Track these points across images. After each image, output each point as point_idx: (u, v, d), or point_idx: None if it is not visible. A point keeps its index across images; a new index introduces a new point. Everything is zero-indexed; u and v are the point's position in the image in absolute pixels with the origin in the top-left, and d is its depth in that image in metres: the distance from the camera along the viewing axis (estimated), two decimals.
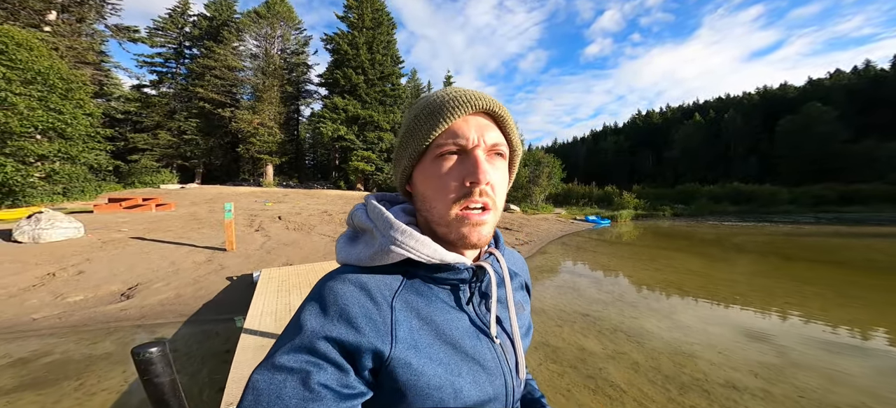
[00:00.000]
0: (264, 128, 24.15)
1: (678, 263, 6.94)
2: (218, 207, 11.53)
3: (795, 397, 2.40)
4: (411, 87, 40.64)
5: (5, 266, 4.91)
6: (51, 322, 3.59)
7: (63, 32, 15.34)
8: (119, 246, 6.30)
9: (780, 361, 2.92)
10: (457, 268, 0.41)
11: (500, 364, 0.42)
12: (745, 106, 45.22)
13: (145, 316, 3.85)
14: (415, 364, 0.35)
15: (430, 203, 0.40)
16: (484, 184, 0.38)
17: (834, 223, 14.46)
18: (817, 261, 7.16)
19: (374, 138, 24.44)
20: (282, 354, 0.33)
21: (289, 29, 26.94)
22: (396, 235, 0.39)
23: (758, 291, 5.02)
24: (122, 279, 4.73)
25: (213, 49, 23.10)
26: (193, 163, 25.05)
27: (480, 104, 0.39)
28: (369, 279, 0.39)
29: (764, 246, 9.17)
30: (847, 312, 4.15)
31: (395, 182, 0.48)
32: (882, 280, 5.60)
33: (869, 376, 2.66)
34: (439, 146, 0.39)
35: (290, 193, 18.59)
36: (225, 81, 24.11)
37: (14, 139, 9.01)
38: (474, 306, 0.44)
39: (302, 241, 7.68)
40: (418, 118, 0.40)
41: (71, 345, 3.19)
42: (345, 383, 0.33)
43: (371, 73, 24.42)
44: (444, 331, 0.39)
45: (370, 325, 0.35)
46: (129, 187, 18.90)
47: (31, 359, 2.91)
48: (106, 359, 2.96)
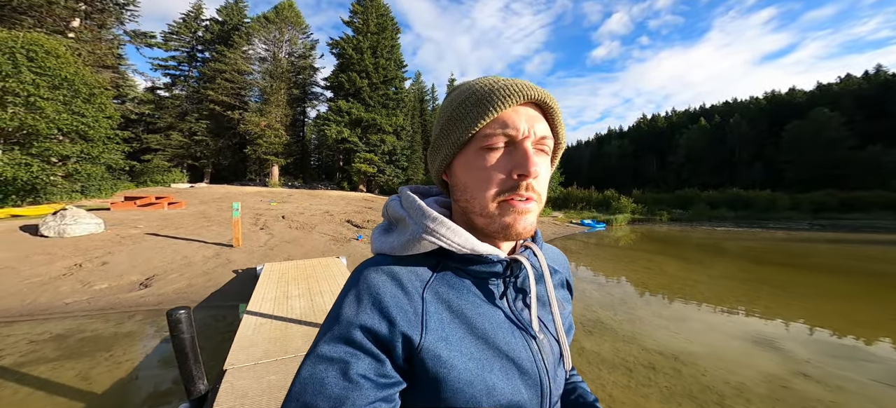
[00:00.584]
0: (271, 130, 24.93)
1: (656, 264, 7.27)
2: (226, 206, 12.15)
3: (698, 375, 2.76)
4: (415, 91, 41.33)
5: (36, 258, 5.49)
6: (81, 306, 4.12)
7: (85, 38, 16.24)
8: (136, 241, 6.87)
9: (701, 349, 3.27)
10: (490, 260, 0.40)
11: (535, 363, 0.40)
12: (752, 111, 44.84)
13: (162, 302, 4.37)
14: (444, 357, 0.35)
15: (472, 193, 0.39)
16: (533, 177, 0.37)
17: (827, 230, 14.52)
18: (786, 265, 7.42)
19: (376, 141, 25.04)
20: (323, 344, 0.34)
21: (296, 33, 27.78)
22: (428, 224, 0.38)
23: (715, 290, 5.36)
24: (140, 270, 5.26)
25: (224, 53, 24.01)
26: (203, 163, 25.95)
27: (532, 94, 0.37)
28: (401, 269, 0.39)
29: (744, 250, 9.42)
30: (788, 309, 4.48)
31: (431, 173, 0.47)
32: (834, 281, 5.89)
33: (775, 363, 3.01)
34: (487, 137, 0.38)
35: (294, 193, 19.21)
36: (234, 84, 24.98)
37: (40, 140, 9.72)
38: (509, 301, 0.43)
39: (303, 239, 8.19)
40: (464, 106, 0.39)
41: (99, 325, 3.70)
42: (381, 373, 0.34)
43: (375, 77, 25.06)
44: (476, 325, 0.39)
45: (401, 314, 0.36)
46: (141, 186, 19.74)
47: (67, 335, 3.42)
48: (129, 336, 3.46)
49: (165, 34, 25.21)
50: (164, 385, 2.64)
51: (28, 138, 9.66)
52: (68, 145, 10.50)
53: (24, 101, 9.34)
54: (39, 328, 3.57)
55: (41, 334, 3.46)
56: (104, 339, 3.38)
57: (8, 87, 9.01)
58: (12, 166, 8.90)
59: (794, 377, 2.77)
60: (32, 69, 9.61)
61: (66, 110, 10.30)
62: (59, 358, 2.99)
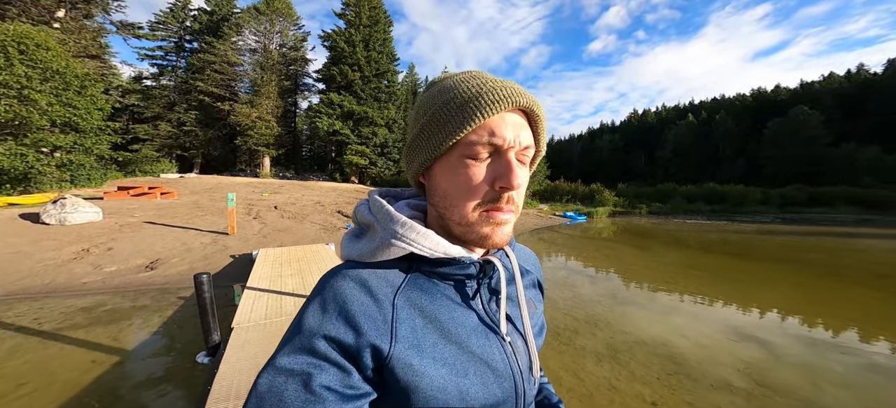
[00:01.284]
0: (262, 121, 25.00)
1: (615, 252, 8.12)
2: (218, 196, 12.57)
3: (607, 337, 3.52)
4: (408, 83, 41.34)
5: (45, 243, 5.98)
6: (97, 285, 4.69)
7: (71, 28, 16.12)
8: (135, 229, 7.37)
9: (616, 318, 4.03)
10: (462, 262, 0.39)
11: (509, 365, 0.40)
12: (738, 108, 46.15)
13: (168, 283, 4.96)
14: (416, 365, 0.34)
15: (452, 201, 0.38)
16: (516, 189, 0.36)
17: (786, 223, 15.69)
18: (729, 254, 8.37)
19: (368, 133, 25.35)
20: (283, 355, 0.33)
21: (287, 24, 27.57)
22: (396, 228, 0.37)
23: (655, 274, 6.21)
24: (144, 255, 5.81)
25: (214, 44, 23.83)
26: (192, 153, 25.94)
27: (521, 101, 0.36)
28: (370, 275, 0.38)
29: (700, 241, 10.37)
30: (701, 288, 5.32)
31: (406, 173, 0.44)
32: (758, 268, 6.80)
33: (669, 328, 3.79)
34: (471, 144, 0.36)
35: (286, 184, 19.56)
36: (224, 76, 24.86)
37: (33, 131, 9.99)
38: (483, 303, 0.42)
39: (294, 228, 8.77)
40: (447, 107, 0.36)
41: (117, 300, 4.29)
42: (348, 384, 0.32)
43: (367, 70, 25.20)
44: (450, 329, 0.38)
45: (369, 322, 0.34)
46: (129, 176, 19.83)
47: (91, 308, 4.01)
48: (145, 309, 4.07)
49: (152, 23, 24.83)
50: (181, 344, 3.28)
51: (21, 129, 9.91)
52: (61, 136, 10.76)
53: (17, 93, 9.57)
54: (65, 303, 4.14)
55: (69, 307, 4.04)
56: (124, 310, 3.98)
57: (1, 80, 9.23)
58: (9, 156, 9.20)
59: (674, 337, 3.56)
60: (24, 62, 9.80)
61: (58, 102, 10.53)
62: (90, 325, 3.59)
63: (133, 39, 21.72)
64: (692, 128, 46.65)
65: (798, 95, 42.51)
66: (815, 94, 40.38)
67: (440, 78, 0.42)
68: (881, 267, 6.91)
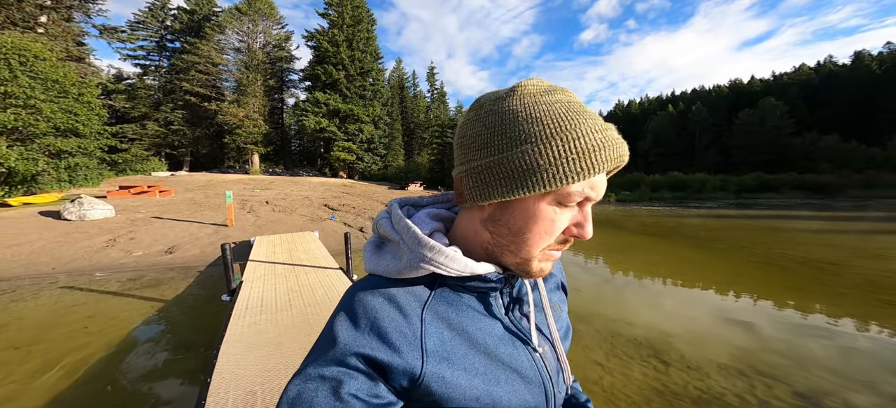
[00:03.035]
0: (250, 120, 25.91)
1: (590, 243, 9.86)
2: (212, 193, 13.84)
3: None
4: (396, 77, 42.14)
5: (75, 235, 7.32)
6: (132, 265, 6.11)
7: (54, 33, 16.83)
8: (146, 223, 8.70)
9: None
10: (488, 277, 0.40)
11: (539, 371, 0.41)
12: (714, 98, 48.45)
13: (187, 263, 6.40)
14: (449, 377, 0.35)
15: (526, 240, 0.37)
16: (587, 239, 0.37)
17: (731, 208, 17.79)
18: (650, 234, 10.23)
19: (354, 130, 26.52)
20: (314, 365, 0.34)
21: (270, 24, 28.21)
22: (425, 253, 0.37)
23: (576, 252, 7.91)
24: (162, 243, 7.21)
25: (197, 45, 24.48)
26: (181, 152, 26.73)
27: (625, 160, 0.36)
28: (398, 291, 0.39)
29: (638, 224, 12.26)
30: (608, 259, 7.02)
31: (462, 184, 0.40)
32: (667, 245, 8.57)
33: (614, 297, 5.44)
34: (570, 193, 0.34)
35: (276, 180, 20.74)
36: (209, 76, 25.58)
37: (40, 137, 11.11)
38: (508, 312, 0.43)
39: (285, 220, 10.21)
40: (566, 147, 0.33)
41: (152, 274, 5.75)
42: (374, 393, 0.33)
43: (351, 69, 26.21)
44: (478, 340, 0.39)
45: (401, 338, 0.35)
46: (121, 174, 20.72)
47: (136, 278, 5.47)
48: (175, 278, 5.54)
49: (131, 23, 25.24)
50: (209, 292, 4.79)
51: (28, 135, 11.01)
52: (67, 141, 11.88)
53: (23, 102, 10.64)
54: (116, 276, 5.58)
55: (120, 277, 5.49)
56: (161, 279, 5.45)
57: (8, 91, 10.29)
58: (22, 161, 10.34)
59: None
60: (26, 73, 10.84)
61: (60, 109, 11.60)
62: (141, 288, 5.07)
63: (117, 43, 22.28)
64: (671, 118, 48.87)
65: (770, 86, 45.06)
66: (783, 86, 42.94)
67: (537, 90, 0.36)
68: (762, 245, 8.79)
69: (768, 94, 39.67)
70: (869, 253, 7.13)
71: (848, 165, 27.71)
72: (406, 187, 21.03)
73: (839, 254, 7.07)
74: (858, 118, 36.00)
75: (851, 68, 40.56)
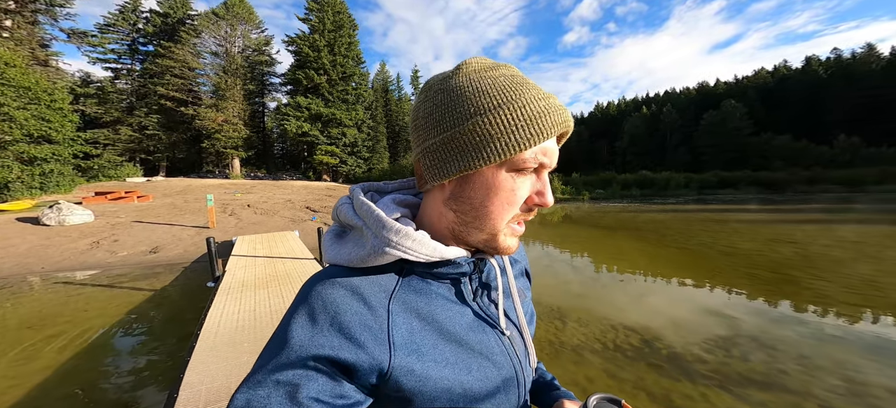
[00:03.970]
0: (229, 124, 25.88)
1: (531, 231, 10.86)
2: (191, 198, 14.10)
3: None
4: (380, 80, 42.63)
5: (58, 239, 7.68)
6: (119, 263, 6.60)
7: (19, 38, 16.61)
8: (127, 227, 9.08)
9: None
10: (458, 262, 0.39)
11: (509, 356, 0.42)
12: (683, 100, 51.59)
13: (172, 260, 6.93)
14: (418, 370, 0.34)
15: (488, 213, 0.37)
16: (549, 206, 0.37)
17: (689, 203, 19.53)
18: (598, 226, 11.51)
19: (337, 134, 26.95)
20: (266, 370, 0.31)
21: (249, 28, 28.28)
22: (390, 236, 0.36)
23: (542, 239, 8.94)
24: (145, 244, 7.68)
25: (171, 49, 24.31)
26: (157, 157, 26.34)
27: (571, 125, 0.37)
28: (362, 282, 0.37)
29: (592, 219, 13.52)
30: (553, 244, 8.05)
31: (418, 166, 0.41)
32: (607, 235, 9.74)
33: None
34: (525, 160, 0.35)
35: (257, 184, 20.94)
36: (185, 80, 25.42)
37: (14, 144, 11.19)
38: (477, 298, 0.43)
39: (266, 221, 10.74)
40: (513, 117, 0.34)
41: (141, 270, 6.29)
42: (339, 394, 0.31)
43: (333, 73, 26.66)
44: (448, 329, 0.38)
45: (366, 332, 0.33)
46: (92, 180, 20.37)
47: (127, 273, 6.01)
48: (163, 273, 6.11)
49: (100, 26, 24.80)
50: (195, 282, 5.41)
51: (2, 144, 11.07)
52: (40, 148, 11.96)
53: None
54: (105, 273, 6.08)
55: (110, 274, 6.00)
56: (149, 274, 6.01)
57: None
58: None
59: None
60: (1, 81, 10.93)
61: (32, 116, 11.70)
62: (132, 280, 5.64)
63: (87, 47, 21.90)
64: (645, 119, 51.68)
65: (732, 89, 48.56)
66: (743, 89, 46.41)
67: (480, 66, 0.38)
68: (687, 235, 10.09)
69: (730, 97, 42.84)
70: (779, 238, 8.50)
71: (798, 162, 30.49)
72: None
73: (749, 241, 8.40)
74: (809, 119, 39.48)
75: (802, 72, 44.45)
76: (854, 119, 35.67)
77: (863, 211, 13.64)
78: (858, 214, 12.96)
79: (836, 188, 23.41)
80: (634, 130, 51.33)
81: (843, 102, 37.39)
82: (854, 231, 9.15)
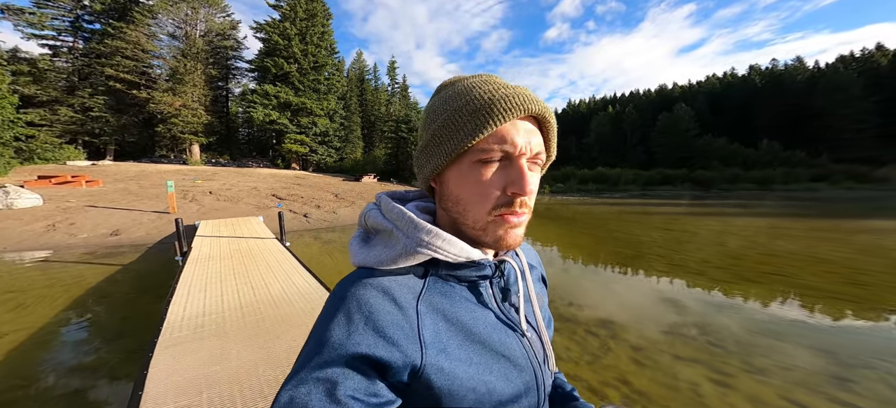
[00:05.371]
0: (187, 109, 24.90)
1: None
2: (147, 184, 14.01)
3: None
4: (356, 69, 42.01)
5: (10, 222, 7.84)
6: (82, 243, 7.03)
7: None
8: (81, 211, 9.25)
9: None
10: (481, 264, 0.42)
11: (528, 358, 0.44)
12: (644, 101, 55.86)
13: (135, 242, 7.45)
14: (447, 368, 0.37)
15: (465, 206, 0.40)
16: (528, 195, 0.38)
17: (634, 197, 22.12)
18: (539, 216, 13.07)
19: (308, 123, 26.75)
20: (307, 368, 0.34)
21: (213, 11, 26.99)
22: (423, 236, 0.39)
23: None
24: (105, 227, 8.05)
25: (123, 29, 22.84)
26: (104, 140, 24.78)
27: (532, 108, 0.38)
28: (391, 283, 0.39)
29: (547, 210, 15.26)
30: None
31: (417, 176, 0.46)
32: (554, 226, 11.40)
33: None
34: (483, 151, 0.38)
35: (220, 171, 20.61)
36: (138, 62, 24.02)
37: None
38: (498, 301, 0.45)
39: (230, 208, 11.21)
40: (460, 114, 0.38)
41: (104, 250, 6.79)
42: (372, 392, 0.33)
43: (304, 62, 26.26)
44: (472, 329, 0.40)
45: (398, 331, 0.36)
46: (27, 163, 19.04)
47: (94, 251, 6.52)
48: (127, 252, 6.69)
49: (36, 1, 22.65)
50: (164, 257, 6.11)
51: None
52: None
53: None
54: (72, 252, 6.53)
55: (74, 252, 6.47)
56: (115, 253, 6.57)
57: None
58: None
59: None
60: None
61: None
62: (101, 257, 6.20)
63: (23, 24, 20.04)
64: (610, 118, 55.48)
65: (686, 93, 53.49)
66: (695, 93, 51.32)
67: (451, 81, 0.44)
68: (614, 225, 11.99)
69: (683, 100, 47.32)
70: (668, 227, 10.54)
71: (730, 163, 34.82)
72: (360, 179, 22.23)
73: (645, 228, 10.36)
74: (743, 124, 44.76)
75: (743, 79, 50.07)
76: (778, 125, 41.19)
77: (758, 207, 16.46)
78: (753, 209, 15.72)
79: (751, 187, 27.38)
80: (600, 128, 54.99)
81: (770, 110, 42.93)
82: (723, 223, 11.43)
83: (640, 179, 29.24)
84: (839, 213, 13.42)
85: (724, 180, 29.20)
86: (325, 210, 12.39)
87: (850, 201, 18.22)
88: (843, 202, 17.73)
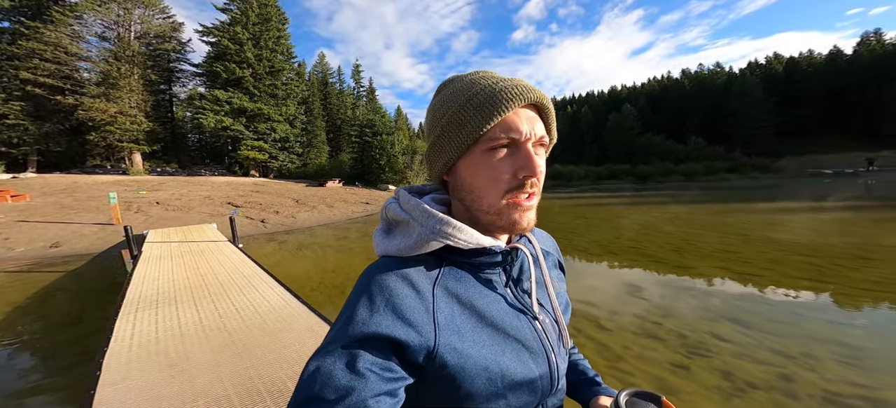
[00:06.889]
0: (125, 116, 23.34)
1: None
2: (82, 196, 13.38)
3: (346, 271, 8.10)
4: (318, 73, 41.09)
5: None
6: (21, 257, 7.03)
7: None
8: (12, 226, 8.96)
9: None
10: (493, 251, 0.45)
11: (541, 342, 0.46)
12: (597, 102, 60.75)
13: (78, 252, 7.55)
14: (460, 348, 0.40)
15: (480, 193, 0.43)
16: (536, 177, 0.42)
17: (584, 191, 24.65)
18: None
19: (266, 129, 26.05)
20: (333, 343, 0.38)
21: (150, 12, 25.44)
22: (436, 225, 0.42)
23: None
24: (42, 240, 7.98)
25: (39, 29, 20.94)
26: (24, 150, 22.43)
27: (532, 97, 0.41)
28: (410, 270, 0.43)
29: None
30: None
31: (429, 173, 0.50)
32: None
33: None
34: (491, 140, 0.41)
35: (166, 180, 19.66)
36: (61, 65, 22.12)
37: None
38: (511, 286, 0.48)
39: (181, 217, 11.24)
40: (466, 109, 0.42)
41: (48, 261, 6.88)
42: (387, 368, 0.37)
43: (259, 67, 25.52)
44: (485, 314, 0.43)
45: (415, 314, 0.39)
46: None
47: (40, 260, 6.62)
48: (73, 261, 6.87)
49: None
50: (113, 265, 6.44)
51: None
52: None
53: None
54: (10, 264, 6.55)
55: (22, 264, 6.51)
56: (60, 263, 6.71)
57: None
58: None
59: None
60: None
61: None
62: (46, 266, 6.35)
63: None
64: (568, 118, 59.72)
65: (631, 94, 59.23)
66: (637, 94, 57.07)
67: (451, 79, 0.48)
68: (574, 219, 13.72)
69: (629, 101, 52.52)
70: (588, 216, 12.44)
71: (665, 158, 39.48)
72: (324, 184, 22.27)
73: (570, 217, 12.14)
74: (677, 122, 50.78)
75: (676, 82, 56.68)
76: (704, 124, 47.50)
77: (681, 196, 18.80)
78: (678, 198, 17.94)
79: (680, 179, 31.54)
80: (559, 126, 58.81)
81: (698, 110, 49.34)
82: (642, 210, 13.63)
83: (591, 175, 32.35)
84: (732, 198, 16.33)
85: (658, 174, 33.22)
86: (283, 215, 12.74)
87: (753, 189, 21.64)
88: (746, 190, 20.87)
